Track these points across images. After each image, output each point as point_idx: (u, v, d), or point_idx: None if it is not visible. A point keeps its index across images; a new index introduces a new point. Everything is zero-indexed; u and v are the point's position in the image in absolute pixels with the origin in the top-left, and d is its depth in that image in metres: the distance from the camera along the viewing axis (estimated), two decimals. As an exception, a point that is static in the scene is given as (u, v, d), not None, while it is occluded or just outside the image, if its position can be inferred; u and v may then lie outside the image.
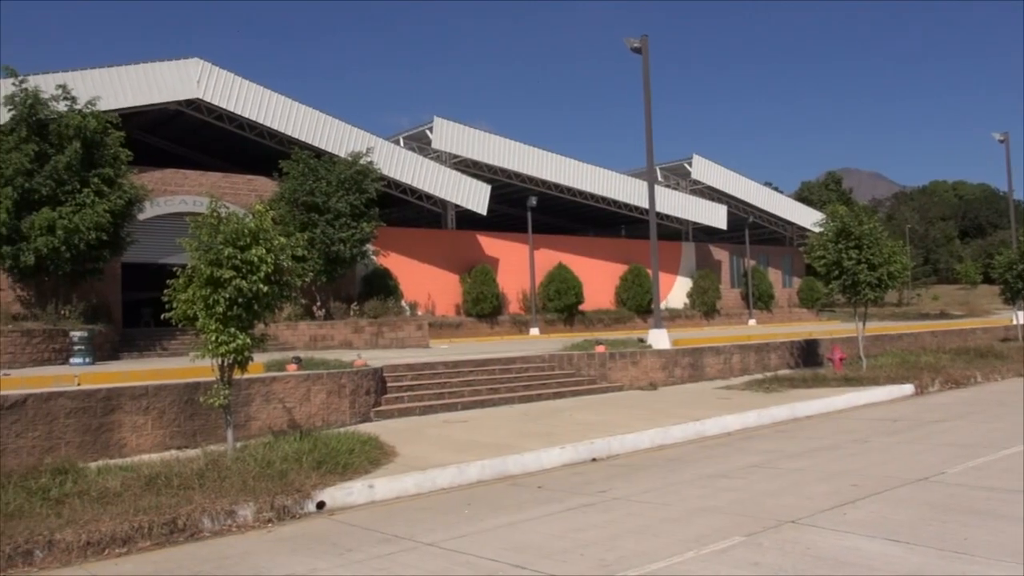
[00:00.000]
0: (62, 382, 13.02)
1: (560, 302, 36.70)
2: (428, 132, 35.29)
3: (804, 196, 77.87)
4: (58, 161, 21.85)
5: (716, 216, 44.01)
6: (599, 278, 39.63)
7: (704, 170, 44.79)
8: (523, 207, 35.95)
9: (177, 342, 24.26)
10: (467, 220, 36.53)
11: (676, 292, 43.61)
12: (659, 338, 21.58)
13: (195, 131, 31.38)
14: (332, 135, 30.26)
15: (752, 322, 44.86)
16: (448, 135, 34.80)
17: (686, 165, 44.81)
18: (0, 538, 7.32)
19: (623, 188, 40.35)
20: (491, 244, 36.90)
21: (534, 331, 35.37)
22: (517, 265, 36.69)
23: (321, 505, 9.13)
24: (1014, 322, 33.16)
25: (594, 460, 11.71)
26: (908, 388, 18.48)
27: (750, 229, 47.16)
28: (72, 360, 20.62)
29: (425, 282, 34.08)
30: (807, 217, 47.34)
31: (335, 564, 7.03)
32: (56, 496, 8.77)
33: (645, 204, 36.97)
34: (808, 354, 24.75)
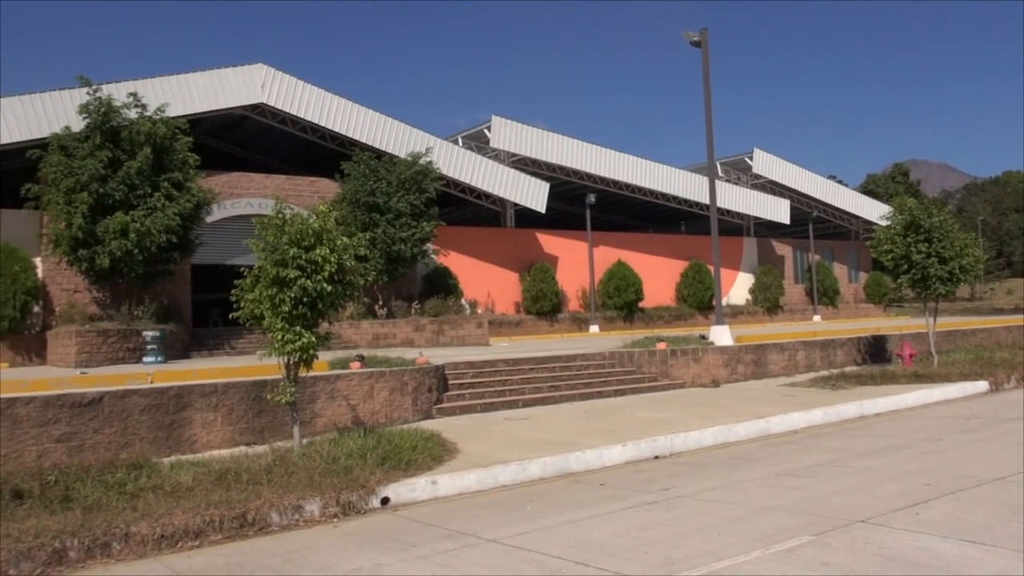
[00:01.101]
0: (136, 380, 13.41)
1: (619, 299, 36.44)
2: (486, 131, 35.36)
3: (870, 189, 75.84)
4: (130, 167, 22.53)
5: (779, 211, 43.16)
6: (659, 275, 39.22)
7: (766, 164, 43.96)
8: (582, 204, 35.77)
9: (244, 341, 24.80)
10: (526, 218, 36.51)
11: (738, 288, 42.93)
12: (721, 335, 21.26)
13: (259, 135, 32.02)
14: (392, 136, 30.56)
15: (817, 318, 43.89)
16: (506, 134, 34.81)
17: (747, 159, 44.04)
18: (80, 531, 7.57)
19: (683, 184, 39.85)
20: (550, 242, 36.82)
21: (593, 328, 35.20)
22: (576, 263, 36.55)
23: (385, 501, 9.21)
24: (1095, 316, 31.76)
25: (656, 458, 11.59)
26: (982, 385, 17.86)
27: (814, 223, 46.14)
28: (145, 359, 21.25)
29: (485, 280, 34.18)
30: (873, 210, 46.08)
31: (399, 559, 7.08)
32: (132, 490, 9.04)
33: (705, 200, 36.51)
34: (876, 350, 24.12)
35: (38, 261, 24.73)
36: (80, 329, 21.59)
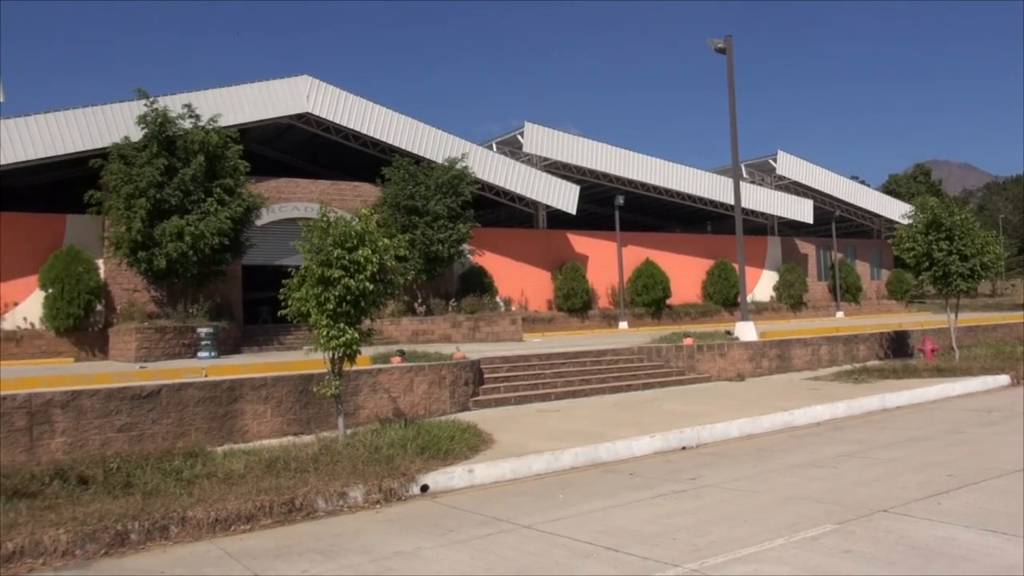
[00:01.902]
0: (191, 374, 13.62)
1: (648, 296, 36.26)
2: (519, 137, 35.37)
3: (892, 189, 74.42)
4: (185, 174, 22.89)
5: (802, 211, 42.61)
6: (686, 273, 38.96)
7: (789, 166, 43.40)
8: (611, 206, 35.67)
9: (292, 337, 25.07)
10: (557, 219, 36.46)
11: (762, 285, 42.47)
12: (746, 330, 21.05)
13: (305, 143, 32.33)
14: (430, 142, 30.69)
15: (840, 314, 43.26)
16: (538, 139, 34.80)
17: (771, 161, 43.52)
18: (140, 514, 7.72)
19: (708, 185, 39.52)
20: (580, 242, 36.75)
21: (623, 325, 35.07)
22: (606, 261, 36.44)
23: (425, 488, 9.27)
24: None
25: (684, 448, 11.52)
26: (1004, 379, 17.47)
27: (837, 222, 45.44)
28: (199, 354, 21.58)
29: (518, 279, 34.19)
30: (895, 210, 45.29)
31: (438, 543, 7.12)
32: (188, 477, 9.19)
33: (730, 200, 36.12)
34: (898, 345, 23.70)
35: (100, 263, 25.23)
36: (139, 326, 22.00)
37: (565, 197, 33.96)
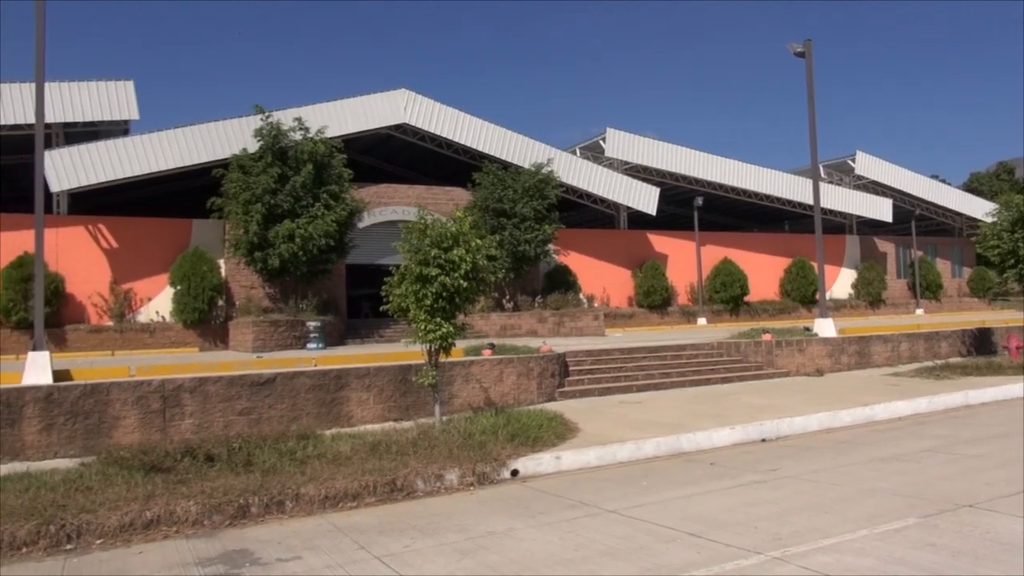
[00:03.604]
0: (302, 364, 14.09)
1: (726, 294, 35.48)
2: (601, 142, 35.13)
3: (974, 187, 70.40)
4: (295, 181, 23.68)
5: (881, 210, 40.83)
6: (763, 271, 37.93)
7: (868, 166, 41.64)
8: (690, 207, 35.08)
9: (391, 330, 25.61)
10: (638, 220, 36.05)
11: (840, 283, 40.93)
12: (825, 327, 20.32)
13: (401, 150, 32.95)
14: (517, 149, 30.82)
15: (919, 311, 41.27)
16: (620, 144, 34.52)
17: (849, 161, 41.85)
18: (260, 490, 8.04)
19: (786, 186, 38.33)
20: (660, 241, 36.24)
21: (701, 321, 34.42)
22: (685, 260, 35.84)
23: (515, 473, 9.33)
24: None
25: (763, 441, 11.22)
26: (1093, 377, 16.32)
27: (917, 221, 43.35)
28: (308, 345, 22.29)
29: (600, 277, 33.98)
30: (977, 207, 42.88)
31: (529, 524, 7.15)
32: (301, 457, 9.49)
33: (808, 200, 34.99)
34: (981, 342, 22.44)
35: (221, 262, 26.37)
36: (256, 320, 22.90)
37: (645, 199, 33.59)
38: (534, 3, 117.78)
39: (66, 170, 24.03)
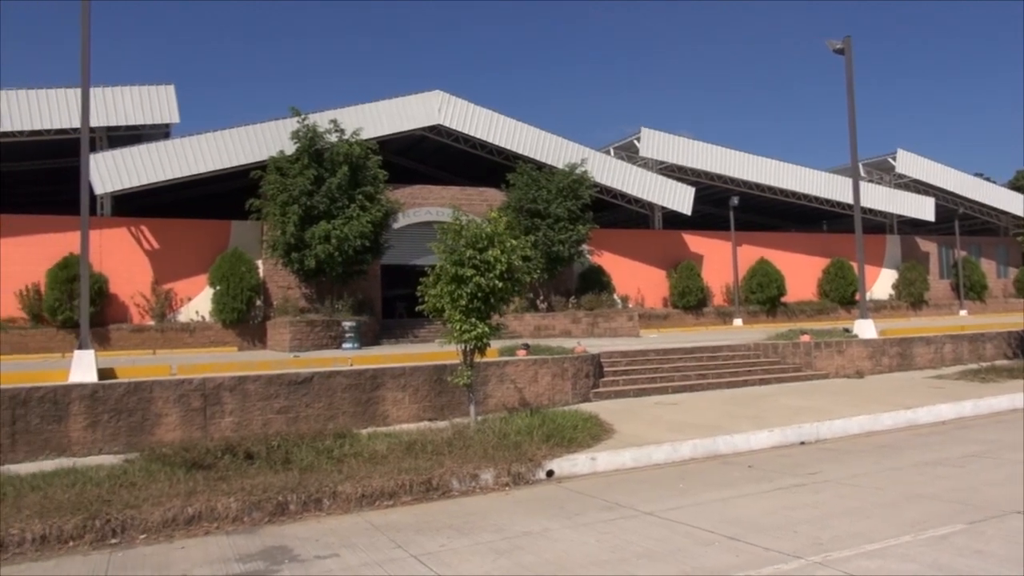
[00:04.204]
0: (339, 363, 14.21)
1: (762, 294, 35.03)
2: (635, 142, 34.92)
3: (1020, 185, 68.66)
4: (331, 183, 23.91)
5: (923, 209, 39.96)
6: (801, 271, 37.37)
7: (909, 164, 40.78)
8: (725, 206, 34.71)
9: (424, 331, 25.74)
10: (673, 220, 35.79)
11: (881, 284, 40.14)
12: (865, 328, 19.95)
13: (436, 152, 33.11)
14: (551, 149, 30.78)
15: (963, 312, 40.31)
16: (654, 144, 34.30)
17: (890, 160, 41.02)
18: (298, 488, 8.14)
19: (824, 185, 37.73)
20: (695, 241, 35.92)
21: (737, 322, 34.03)
22: (720, 260, 35.49)
23: (550, 473, 9.31)
24: None
25: (802, 443, 11.06)
26: None
27: (960, 220, 42.35)
28: (344, 345, 22.49)
29: (635, 277, 33.78)
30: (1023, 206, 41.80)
31: (564, 525, 7.14)
32: (337, 456, 9.59)
33: (846, 199, 34.41)
34: (1028, 345, 21.83)
35: (259, 263, 26.73)
36: (293, 320, 23.18)
37: (680, 198, 33.33)
38: (566, 2, 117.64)
39: (110, 173, 24.58)
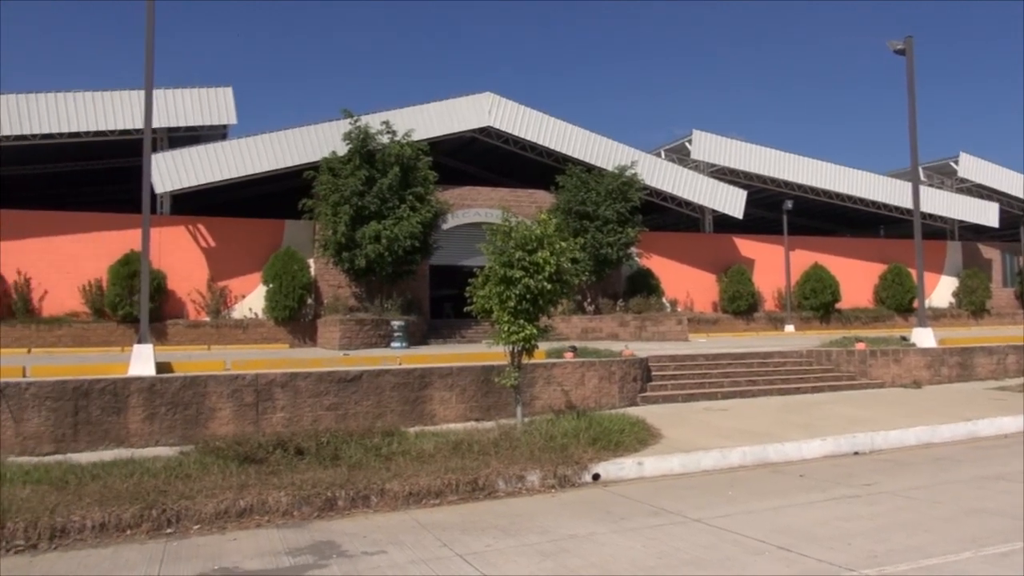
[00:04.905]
0: (387, 362, 14.37)
1: (816, 300, 34.27)
2: (687, 144, 34.54)
3: (1090, 190, 65.79)
4: (382, 183, 24.20)
5: (986, 214, 38.63)
6: (856, 277, 36.44)
7: (972, 168, 39.45)
8: (778, 210, 34.08)
9: (472, 331, 25.85)
10: (724, 223, 35.25)
11: (940, 291, 38.93)
12: (924, 336, 19.38)
13: (485, 153, 33.23)
14: (600, 151, 30.63)
15: (1028, 322, 38.84)
16: (706, 146, 33.87)
17: (951, 164, 39.75)
18: (346, 484, 8.25)
19: (881, 189, 36.75)
20: (747, 246, 35.33)
21: (789, 328, 33.36)
22: (772, 265, 34.83)
23: (596, 477, 9.27)
24: None
25: (856, 454, 10.80)
26: None
27: (1025, 226, 40.84)
28: (392, 344, 22.72)
29: (684, 281, 33.40)
30: (1095, 212, 40.08)
31: (611, 529, 7.09)
32: (385, 453, 9.69)
33: (905, 204, 33.52)
34: (1098, 357, 20.91)
35: (311, 262, 27.17)
36: (343, 318, 23.51)
37: (732, 202, 32.84)
38: (618, 3, 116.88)
39: (169, 172, 25.29)
